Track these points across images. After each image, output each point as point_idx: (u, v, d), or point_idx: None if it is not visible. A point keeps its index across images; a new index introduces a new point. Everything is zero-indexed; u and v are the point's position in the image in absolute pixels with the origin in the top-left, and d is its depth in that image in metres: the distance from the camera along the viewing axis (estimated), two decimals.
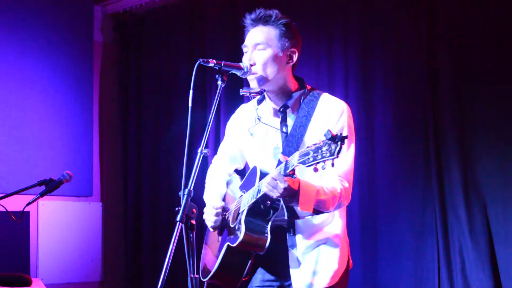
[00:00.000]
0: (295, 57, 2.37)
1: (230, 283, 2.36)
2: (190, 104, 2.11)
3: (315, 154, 1.89)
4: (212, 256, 2.45)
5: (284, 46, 2.34)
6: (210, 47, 4.71)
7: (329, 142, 1.85)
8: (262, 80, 2.31)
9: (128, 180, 5.21)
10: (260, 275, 2.41)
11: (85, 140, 5.06)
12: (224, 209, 2.47)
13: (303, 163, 1.93)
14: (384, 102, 3.77)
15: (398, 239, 3.64)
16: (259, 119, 2.41)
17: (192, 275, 1.96)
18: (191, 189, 2.00)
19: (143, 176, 5.13)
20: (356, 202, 3.72)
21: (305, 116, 2.32)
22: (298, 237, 2.32)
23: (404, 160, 3.68)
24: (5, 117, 4.59)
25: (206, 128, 2.10)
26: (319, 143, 1.89)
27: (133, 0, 5.20)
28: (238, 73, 2.30)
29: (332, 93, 3.94)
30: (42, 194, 3.07)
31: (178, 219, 1.94)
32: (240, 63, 2.30)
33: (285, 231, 2.33)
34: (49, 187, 3.09)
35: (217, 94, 2.17)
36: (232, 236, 2.32)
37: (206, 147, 2.10)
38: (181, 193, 1.99)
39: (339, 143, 1.84)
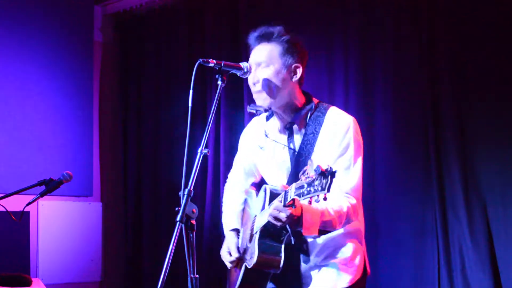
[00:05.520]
0: (299, 72, 2.36)
1: None
2: (190, 104, 2.11)
3: (309, 188, 1.91)
4: (235, 276, 2.49)
5: (287, 62, 2.34)
6: (210, 47, 4.71)
7: (320, 176, 1.86)
8: (267, 97, 2.33)
9: (128, 180, 5.21)
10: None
11: (85, 140, 5.05)
12: (241, 254, 2.50)
13: (299, 195, 1.97)
14: (384, 103, 3.77)
15: (398, 239, 3.63)
16: (266, 136, 2.45)
17: (192, 275, 1.96)
18: (191, 189, 2.00)
19: (143, 176, 5.13)
20: None
21: (312, 133, 2.34)
22: (310, 251, 2.35)
23: (404, 161, 3.68)
24: (5, 117, 4.59)
25: (206, 128, 2.10)
26: (311, 177, 1.91)
27: (133, 0, 5.20)
28: (238, 73, 2.31)
29: (332, 94, 3.99)
30: (42, 194, 3.07)
31: (178, 219, 1.94)
32: (240, 63, 2.30)
33: (296, 246, 2.35)
34: (49, 187, 3.08)
35: (217, 94, 2.17)
36: (248, 257, 2.36)
37: (206, 147, 2.10)
38: (181, 193, 1.99)
39: (329, 177, 1.84)
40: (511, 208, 3.23)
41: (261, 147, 2.48)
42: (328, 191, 1.85)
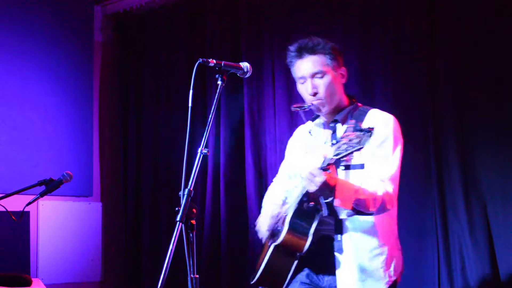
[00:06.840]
0: (345, 74, 2.55)
1: (275, 285, 2.45)
2: (190, 104, 2.12)
3: (346, 146, 2.05)
4: (262, 260, 2.54)
5: (336, 68, 2.48)
6: (210, 47, 4.71)
7: (358, 133, 2.02)
8: (327, 103, 2.45)
9: (128, 180, 5.21)
10: (307, 272, 2.49)
11: (85, 140, 5.05)
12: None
13: (337, 155, 2.10)
14: (384, 103, 3.76)
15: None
16: (309, 133, 2.58)
17: (192, 275, 1.96)
18: (191, 189, 2.00)
19: (143, 176, 5.13)
20: None
21: (353, 127, 2.40)
22: (345, 243, 2.38)
23: (404, 161, 3.65)
24: (5, 117, 4.59)
25: (206, 128, 2.11)
26: (350, 135, 2.05)
27: (133, 0, 5.20)
28: (238, 73, 2.32)
29: None
30: (42, 194, 3.08)
31: (178, 219, 1.95)
32: (240, 63, 2.31)
33: (332, 238, 2.41)
34: (49, 187, 3.09)
35: (217, 94, 2.18)
36: (277, 237, 2.43)
37: (206, 147, 2.11)
38: (181, 193, 1.99)
39: (366, 133, 1.99)
40: (511, 208, 3.23)
41: (306, 151, 2.57)
42: (363, 146, 2.01)
